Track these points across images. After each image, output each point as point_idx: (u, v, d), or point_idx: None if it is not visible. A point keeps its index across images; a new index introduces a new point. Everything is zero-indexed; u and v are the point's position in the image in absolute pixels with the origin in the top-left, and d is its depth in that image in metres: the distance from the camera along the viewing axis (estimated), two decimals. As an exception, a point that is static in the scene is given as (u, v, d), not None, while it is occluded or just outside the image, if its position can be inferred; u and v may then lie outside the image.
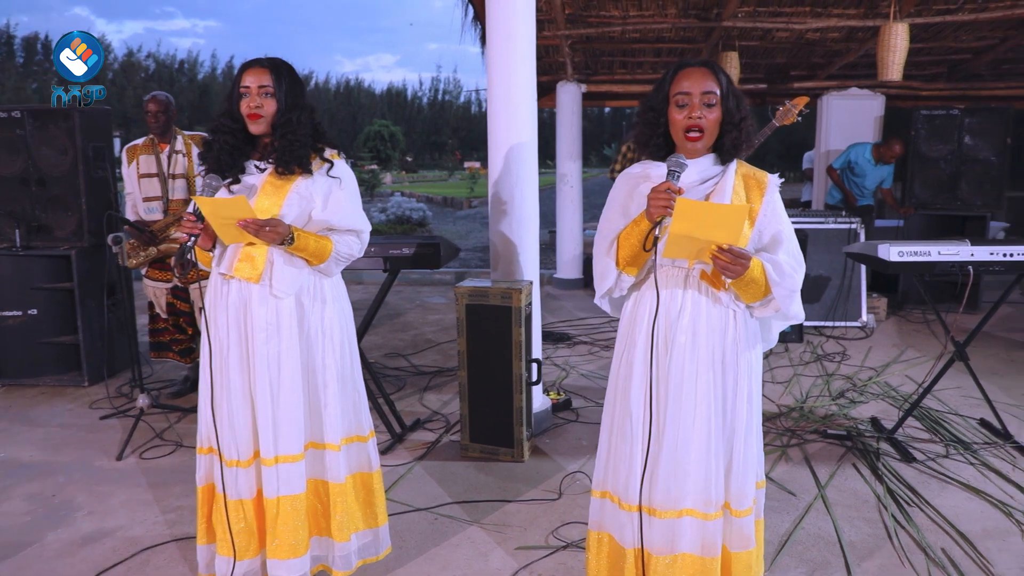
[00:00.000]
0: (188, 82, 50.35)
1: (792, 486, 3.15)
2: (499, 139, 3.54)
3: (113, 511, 2.96)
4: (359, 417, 2.39)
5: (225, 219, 2.05)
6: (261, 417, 2.17)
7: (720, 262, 1.77)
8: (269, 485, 2.19)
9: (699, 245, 1.78)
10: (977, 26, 5.86)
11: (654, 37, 6.39)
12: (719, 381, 1.93)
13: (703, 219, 1.73)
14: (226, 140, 2.16)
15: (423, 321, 6.32)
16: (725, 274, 1.80)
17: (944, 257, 3.25)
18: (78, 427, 3.88)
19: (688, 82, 1.87)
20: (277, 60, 2.21)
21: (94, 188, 4.49)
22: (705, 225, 1.73)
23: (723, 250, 1.76)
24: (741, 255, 1.77)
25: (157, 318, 4.40)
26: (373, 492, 2.43)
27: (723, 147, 1.93)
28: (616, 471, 2.01)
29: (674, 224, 1.73)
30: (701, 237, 1.75)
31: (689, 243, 1.78)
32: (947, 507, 2.95)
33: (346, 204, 2.25)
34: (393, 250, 3.39)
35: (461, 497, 3.05)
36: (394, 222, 12.78)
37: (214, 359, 2.19)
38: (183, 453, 3.51)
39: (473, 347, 3.35)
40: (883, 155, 6.34)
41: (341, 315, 2.34)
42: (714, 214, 1.74)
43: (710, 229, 1.74)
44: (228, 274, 2.17)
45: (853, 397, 4.27)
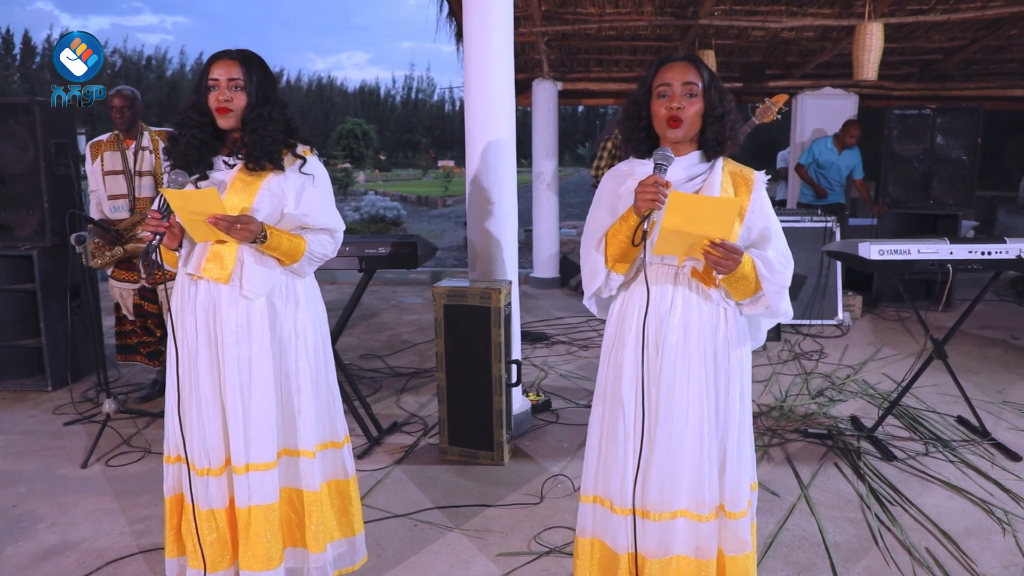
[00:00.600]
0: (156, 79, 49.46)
1: (775, 486, 3.12)
2: (476, 136, 3.47)
3: (77, 522, 2.84)
4: (334, 422, 2.31)
5: (194, 214, 1.95)
6: (232, 423, 2.08)
7: (712, 257, 1.73)
8: (240, 494, 2.10)
9: (690, 240, 1.74)
10: (948, 27, 5.92)
11: (631, 35, 6.36)
12: (711, 379, 1.89)
13: (695, 213, 1.69)
14: (193, 135, 2.06)
15: (399, 321, 6.22)
16: (717, 269, 1.76)
17: (924, 255, 3.25)
18: (41, 434, 3.74)
19: (670, 74, 1.85)
20: (247, 52, 2.11)
21: (56, 186, 4.34)
22: (697, 219, 1.69)
23: (715, 245, 1.72)
24: (733, 250, 1.73)
25: (124, 320, 4.26)
26: (349, 500, 2.34)
27: (707, 141, 1.89)
28: (608, 475, 1.95)
29: (666, 218, 1.69)
30: (693, 232, 1.71)
31: (680, 238, 1.73)
32: (929, 506, 2.95)
33: (320, 202, 2.17)
34: (369, 249, 3.30)
35: (440, 502, 2.98)
36: (368, 221, 12.63)
37: (182, 364, 2.09)
38: (151, 460, 3.39)
39: (451, 348, 3.28)
40: (843, 141, 6.41)
41: (315, 317, 2.25)
42: (706, 207, 1.70)
43: (702, 223, 1.70)
44: (196, 274, 2.07)
45: (832, 396, 4.28)
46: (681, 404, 1.87)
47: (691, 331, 1.87)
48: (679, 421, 1.87)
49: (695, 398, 1.87)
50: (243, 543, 2.11)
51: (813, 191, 6.54)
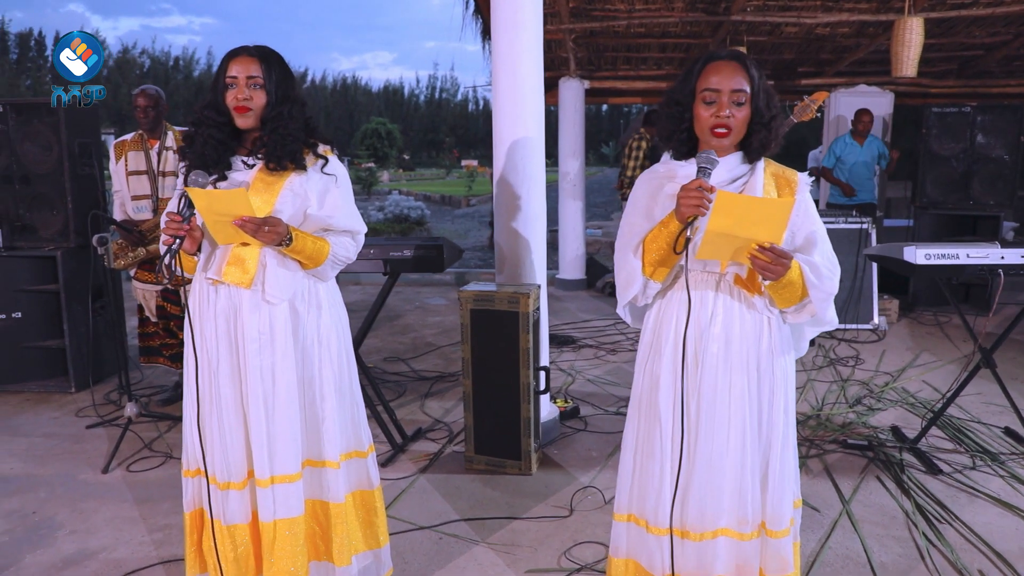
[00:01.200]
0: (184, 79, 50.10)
1: (815, 500, 2.99)
2: (504, 134, 3.37)
3: (97, 530, 2.78)
4: (358, 431, 2.22)
5: (220, 215, 1.87)
6: (255, 434, 2.00)
7: (760, 262, 1.62)
8: (265, 508, 2.02)
9: (737, 244, 1.63)
10: (991, 21, 5.71)
11: (660, 32, 6.22)
12: (754, 391, 1.78)
13: (744, 214, 1.57)
14: (210, 134, 1.97)
15: (423, 323, 6.15)
16: (765, 275, 1.65)
17: (973, 260, 3.10)
18: (63, 437, 3.70)
19: (717, 78, 1.72)
20: (266, 49, 2.02)
21: (80, 186, 4.31)
22: (746, 221, 1.58)
23: (764, 249, 1.60)
24: (783, 254, 1.62)
25: (147, 322, 4.23)
26: (374, 511, 2.26)
27: (751, 146, 1.78)
28: (644, 492, 1.85)
29: (712, 220, 1.58)
30: (740, 235, 1.60)
31: (726, 242, 1.62)
32: (979, 524, 2.80)
33: (343, 203, 2.09)
34: (394, 252, 3.22)
35: (467, 513, 2.89)
36: (392, 221, 12.61)
37: (202, 373, 2.02)
38: (173, 465, 3.34)
39: (478, 354, 3.19)
40: (857, 130, 6.26)
41: (338, 322, 2.16)
42: (757, 209, 1.59)
43: (751, 226, 1.58)
44: (216, 279, 1.99)
45: (871, 404, 4.12)
46: (722, 417, 1.77)
47: (733, 341, 1.76)
48: (720, 435, 1.77)
49: (737, 411, 1.77)
50: (267, 559, 2.04)
51: (841, 191, 6.37)
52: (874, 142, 6.33)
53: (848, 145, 6.28)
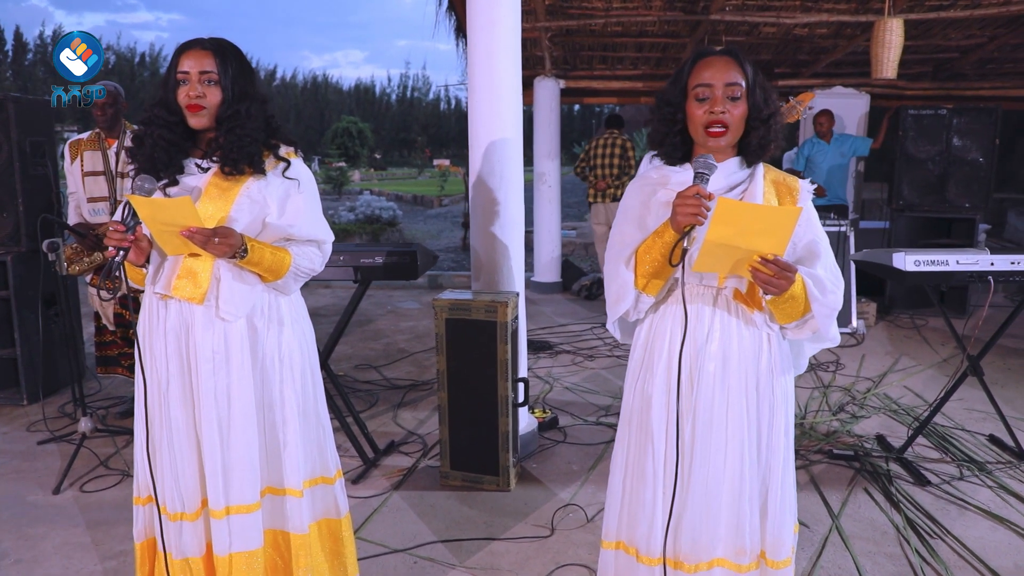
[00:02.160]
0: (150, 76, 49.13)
1: (804, 515, 2.89)
2: (481, 136, 3.23)
3: (45, 558, 2.59)
4: (324, 456, 2.07)
5: (166, 225, 1.71)
6: (209, 462, 1.84)
7: (762, 276, 1.50)
8: (220, 541, 1.86)
9: (737, 256, 1.51)
10: (968, 23, 5.70)
11: (637, 31, 6.12)
12: (752, 413, 1.66)
13: (747, 224, 1.45)
14: (161, 135, 1.80)
15: (395, 328, 5.98)
16: (766, 290, 1.53)
17: (963, 267, 3.03)
18: (12, 454, 3.49)
19: (709, 72, 1.60)
20: (222, 41, 1.84)
21: (32, 187, 4.08)
22: (748, 231, 1.45)
23: (766, 261, 1.48)
24: (787, 267, 1.51)
25: (104, 330, 4.01)
26: (341, 541, 2.10)
27: (749, 147, 1.66)
28: (634, 519, 1.72)
29: (711, 229, 1.45)
30: (742, 246, 1.47)
31: (726, 253, 1.50)
32: (971, 539, 2.72)
33: (306, 210, 1.92)
34: (365, 259, 3.06)
35: (443, 534, 2.74)
36: (363, 221, 12.38)
37: (151, 394, 1.85)
38: (129, 484, 3.10)
39: (454, 366, 3.04)
40: (819, 131, 6.22)
41: (301, 338, 2.00)
42: (760, 218, 1.47)
43: (753, 236, 1.46)
44: (165, 294, 1.82)
45: (854, 411, 4.05)
46: (719, 441, 1.65)
47: (731, 359, 1.64)
48: (717, 459, 1.65)
49: (735, 434, 1.65)
50: None
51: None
52: (844, 140, 6.29)
53: (816, 145, 6.23)
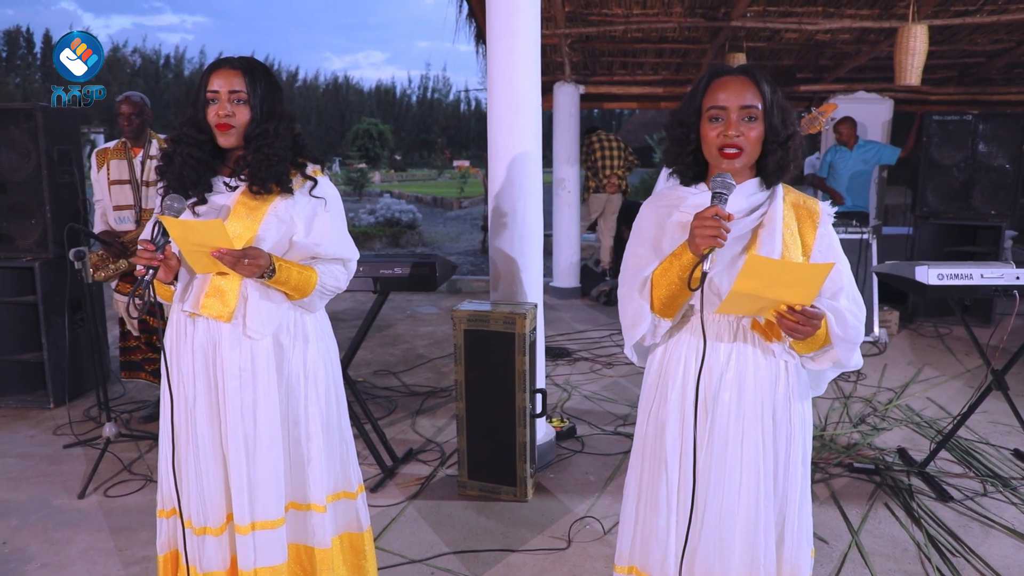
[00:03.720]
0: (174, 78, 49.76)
1: (823, 530, 2.87)
2: (500, 147, 3.24)
3: (70, 563, 2.64)
4: (347, 471, 2.09)
5: (197, 246, 1.73)
6: (235, 478, 1.86)
7: (787, 323, 1.49)
8: (245, 556, 1.88)
9: (763, 304, 1.49)
10: (994, 28, 5.62)
11: (657, 37, 6.10)
12: (769, 442, 1.65)
13: (775, 277, 1.43)
14: (190, 153, 1.82)
15: (414, 334, 6.01)
16: (792, 336, 1.51)
17: (988, 281, 2.99)
18: (39, 457, 3.55)
19: (724, 94, 1.58)
20: (251, 60, 1.88)
21: (60, 195, 4.16)
22: (776, 285, 1.43)
23: (794, 311, 1.47)
24: (814, 316, 1.48)
25: (128, 335, 4.08)
26: (363, 554, 2.13)
27: (767, 169, 1.63)
28: (647, 546, 1.72)
29: (739, 282, 1.42)
30: (769, 296, 1.45)
31: (752, 301, 1.48)
32: (995, 557, 2.68)
33: (332, 229, 1.94)
34: (384, 270, 3.07)
35: (459, 545, 2.75)
36: (383, 224, 12.44)
37: (178, 410, 1.88)
38: (152, 489, 3.19)
39: (472, 376, 3.06)
40: (839, 139, 6.18)
41: (326, 355, 2.03)
42: (791, 272, 1.45)
43: (781, 289, 1.44)
44: (194, 312, 1.85)
45: (875, 423, 4.01)
46: (734, 469, 1.63)
47: (746, 387, 1.62)
48: (731, 489, 1.63)
49: (750, 463, 1.63)
50: None
51: (831, 199, 6.30)
52: (868, 147, 6.23)
53: (839, 152, 6.19)
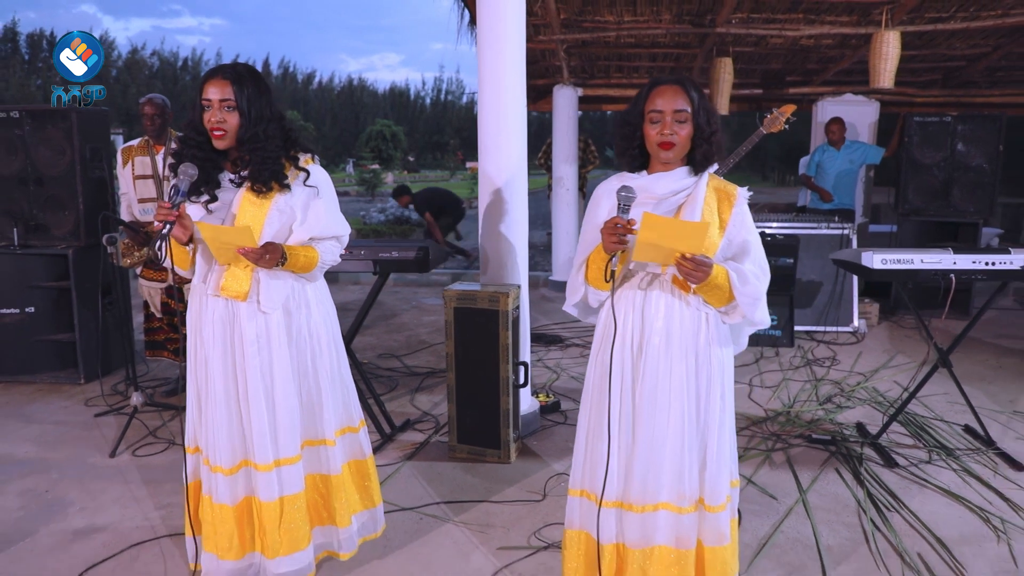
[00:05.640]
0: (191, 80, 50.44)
1: (774, 490, 3.19)
2: (489, 146, 3.59)
3: (105, 507, 3.01)
4: (349, 410, 2.49)
5: (224, 244, 2.10)
6: (257, 425, 2.23)
7: (683, 268, 1.85)
8: (268, 490, 2.26)
9: (665, 252, 1.85)
10: (970, 34, 5.90)
11: (649, 42, 6.43)
12: (692, 380, 1.99)
13: (666, 231, 1.82)
14: (194, 154, 2.15)
15: (418, 322, 6.36)
16: (688, 279, 1.87)
17: (927, 265, 3.29)
18: (73, 424, 3.93)
19: (661, 100, 1.94)
20: (239, 68, 2.17)
21: (91, 188, 4.54)
22: (669, 236, 1.82)
23: (686, 258, 1.82)
24: (702, 263, 1.84)
25: (152, 317, 4.45)
26: (367, 476, 2.55)
27: (695, 159, 2.00)
28: (593, 469, 2.06)
29: (640, 233, 1.81)
30: (666, 246, 1.82)
31: (655, 249, 1.85)
32: (926, 512, 2.99)
33: (325, 214, 2.29)
34: (383, 253, 3.44)
35: (447, 497, 3.10)
36: (393, 223, 12.81)
37: (198, 370, 2.27)
38: (175, 451, 3.56)
39: (461, 349, 3.40)
40: (830, 138, 6.53)
41: (326, 317, 2.40)
42: (677, 228, 1.84)
43: (674, 240, 1.83)
44: (215, 294, 2.22)
45: (840, 402, 4.31)
46: (663, 402, 1.98)
47: (673, 334, 1.97)
48: (661, 418, 1.98)
49: (676, 397, 1.98)
50: (273, 532, 2.28)
51: (820, 196, 6.62)
52: (854, 147, 6.54)
53: (826, 151, 6.52)
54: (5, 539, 2.76)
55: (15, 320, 4.54)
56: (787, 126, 3.63)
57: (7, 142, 4.48)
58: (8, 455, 3.53)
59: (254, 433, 2.24)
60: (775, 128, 3.62)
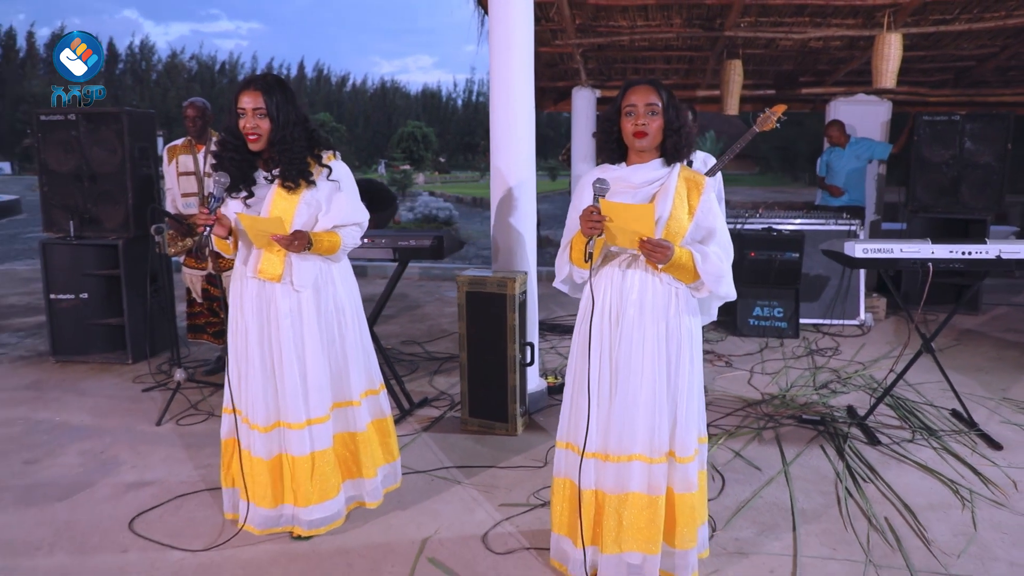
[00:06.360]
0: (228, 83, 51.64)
1: (760, 463, 3.44)
2: (500, 146, 3.89)
3: (153, 466, 3.38)
4: (371, 374, 2.85)
5: (260, 232, 2.48)
6: (291, 389, 2.58)
7: (644, 249, 2.13)
8: (300, 445, 2.61)
9: (630, 235, 2.14)
10: (976, 35, 6.05)
11: (662, 45, 6.68)
12: (663, 348, 2.27)
13: (622, 215, 2.11)
14: (231, 157, 2.51)
15: (440, 313, 6.70)
16: (650, 259, 2.15)
17: (906, 255, 3.52)
18: (122, 398, 4.33)
19: (635, 96, 2.24)
20: (269, 79, 2.51)
21: (139, 184, 4.94)
22: (626, 220, 2.11)
23: (644, 240, 2.11)
24: (659, 244, 2.13)
25: (194, 303, 4.84)
26: (388, 433, 2.92)
27: (667, 150, 2.28)
28: (577, 424, 2.36)
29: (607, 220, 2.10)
30: (627, 228, 2.11)
31: (622, 234, 2.14)
32: (900, 484, 3.22)
33: (346, 204, 2.64)
34: (402, 242, 3.77)
35: (458, 463, 3.41)
36: (421, 221, 13.21)
37: (238, 340, 2.62)
38: (214, 421, 3.92)
39: (472, 331, 3.71)
40: (830, 142, 6.77)
41: (350, 293, 2.75)
42: (630, 212, 2.12)
43: (630, 223, 2.11)
44: (254, 276, 2.57)
45: (835, 388, 4.53)
46: (637, 366, 2.26)
47: (646, 306, 2.26)
48: (635, 380, 2.26)
49: (649, 362, 2.26)
50: (307, 483, 2.63)
51: (829, 193, 6.84)
52: (861, 144, 6.73)
53: (833, 151, 6.74)
54: (69, 489, 3.14)
55: (70, 305, 4.96)
56: (778, 125, 3.86)
57: (64, 143, 4.90)
58: (67, 423, 3.93)
59: (287, 396, 2.59)
60: (767, 126, 3.85)
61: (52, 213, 4.97)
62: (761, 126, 3.86)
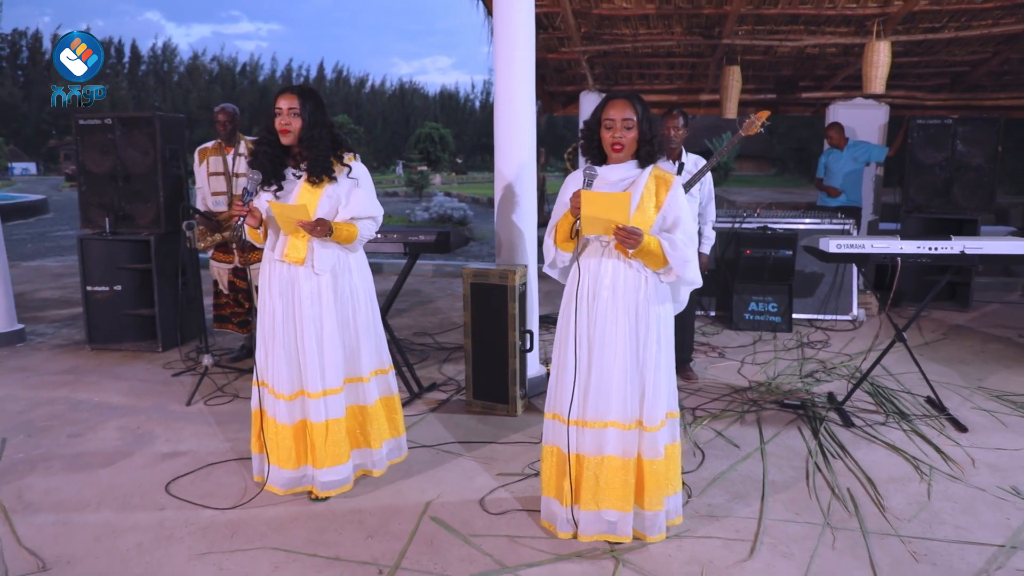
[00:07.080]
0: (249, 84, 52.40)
1: (739, 441, 3.73)
2: (503, 147, 4.21)
3: (185, 439, 3.73)
4: (381, 355, 3.18)
5: (287, 218, 2.83)
6: (311, 362, 2.92)
7: (619, 235, 2.43)
8: (317, 413, 2.95)
9: (605, 223, 2.44)
10: (965, 42, 6.28)
11: (665, 52, 6.97)
12: (633, 328, 2.57)
13: (599, 204, 2.41)
14: (265, 151, 2.89)
15: (451, 307, 7.03)
16: (624, 245, 2.45)
17: (876, 250, 3.79)
18: (154, 381, 4.70)
19: (613, 111, 2.55)
20: (305, 87, 2.92)
21: (170, 184, 5.31)
22: (602, 208, 2.40)
23: (619, 228, 2.41)
24: (633, 231, 2.42)
25: (220, 295, 5.20)
26: (395, 410, 3.24)
27: (641, 156, 2.59)
28: (561, 396, 2.67)
29: (583, 208, 2.40)
30: (603, 217, 2.41)
31: (597, 222, 2.44)
32: (866, 460, 3.50)
33: (364, 199, 2.99)
34: (412, 237, 4.11)
35: (461, 439, 3.73)
36: (436, 220, 13.56)
37: (266, 318, 2.97)
38: (239, 403, 4.27)
39: (476, 319, 4.03)
40: (829, 143, 7.02)
41: (364, 280, 3.09)
42: (606, 200, 2.41)
43: (607, 211, 2.41)
44: (280, 259, 2.91)
45: (820, 377, 4.80)
46: (611, 344, 2.57)
47: (618, 291, 2.56)
48: (609, 356, 2.57)
49: (620, 341, 2.57)
50: (321, 448, 2.97)
51: (827, 193, 7.09)
52: (858, 147, 6.99)
53: (831, 154, 6.99)
54: (109, 459, 3.50)
55: (105, 296, 5.34)
56: (763, 129, 4.15)
57: (101, 145, 5.28)
58: (104, 402, 4.30)
59: (308, 368, 2.93)
60: (752, 131, 4.13)
61: (89, 211, 5.35)
62: (747, 130, 4.15)
